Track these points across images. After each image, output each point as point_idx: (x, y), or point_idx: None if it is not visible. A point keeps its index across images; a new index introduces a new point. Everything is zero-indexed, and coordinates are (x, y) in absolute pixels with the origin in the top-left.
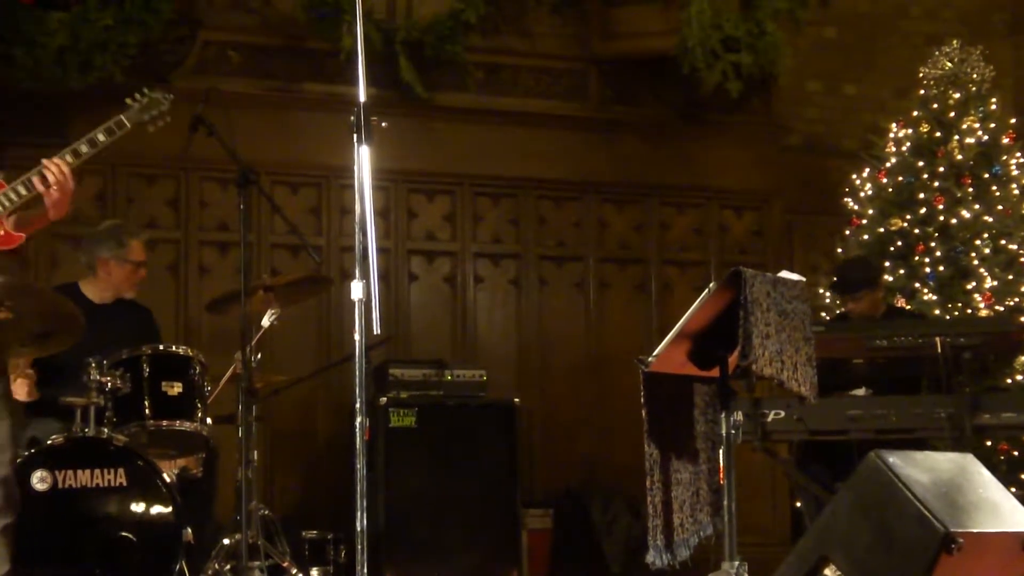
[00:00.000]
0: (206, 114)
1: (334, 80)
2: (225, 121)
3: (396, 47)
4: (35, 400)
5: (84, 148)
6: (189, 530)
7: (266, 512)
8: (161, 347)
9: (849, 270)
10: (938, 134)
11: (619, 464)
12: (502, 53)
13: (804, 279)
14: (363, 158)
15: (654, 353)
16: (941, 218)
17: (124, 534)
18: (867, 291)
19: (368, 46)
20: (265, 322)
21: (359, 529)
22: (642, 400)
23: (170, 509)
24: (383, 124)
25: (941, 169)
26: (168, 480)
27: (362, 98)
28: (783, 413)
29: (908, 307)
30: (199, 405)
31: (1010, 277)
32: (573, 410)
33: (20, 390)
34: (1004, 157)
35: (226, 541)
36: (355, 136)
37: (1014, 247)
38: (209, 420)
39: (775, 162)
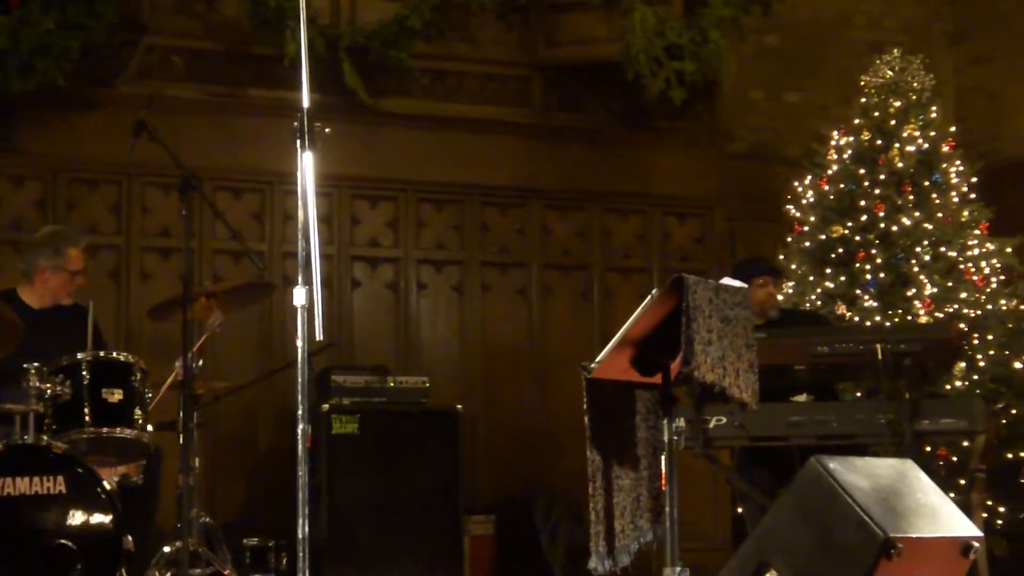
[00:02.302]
0: (149, 119)
1: (278, 85)
2: (168, 126)
3: (340, 53)
4: None
5: None
6: (129, 538)
7: (207, 519)
8: (102, 353)
9: (752, 259)
10: (879, 142)
11: (562, 470)
12: (447, 59)
13: (746, 286)
14: (306, 164)
15: (597, 359)
16: (882, 225)
17: (63, 542)
18: (770, 278)
19: (312, 52)
20: (207, 328)
21: (301, 536)
22: (584, 406)
23: (110, 517)
24: (327, 130)
25: (882, 177)
26: (108, 488)
27: (306, 104)
28: (725, 419)
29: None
30: (140, 412)
31: (949, 284)
32: (516, 416)
33: None
34: (944, 165)
35: (167, 549)
36: (299, 142)
37: (953, 254)
38: (150, 427)
39: (718, 169)
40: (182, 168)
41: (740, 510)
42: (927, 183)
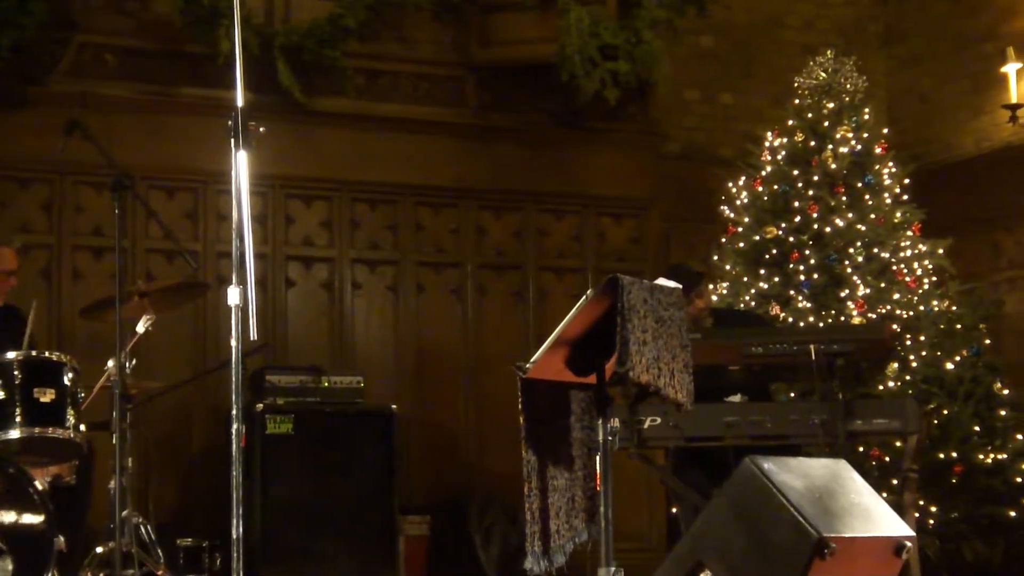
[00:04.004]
0: (81, 118)
1: (211, 84)
2: (101, 125)
3: (274, 52)
4: None
5: None
6: (62, 538)
7: (140, 520)
8: (34, 353)
9: (681, 271)
10: (812, 143)
11: (496, 471)
12: (381, 59)
13: (681, 286)
14: (240, 163)
15: (532, 360)
16: (815, 226)
17: None
18: (703, 288)
19: (246, 50)
20: (140, 328)
21: (235, 536)
22: (519, 406)
23: (42, 517)
24: (261, 129)
25: (815, 178)
26: (40, 488)
27: (240, 103)
28: (659, 420)
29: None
30: (72, 412)
31: (882, 285)
32: (451, 416)
33: None
34: (876, 166)
35: (99, 549)
36: (232, 141)
37: (886, 255)
38: (83, 427)
39: (653, 170)
40: (115, 167)
41: (675, 510)
42: (860, 184)
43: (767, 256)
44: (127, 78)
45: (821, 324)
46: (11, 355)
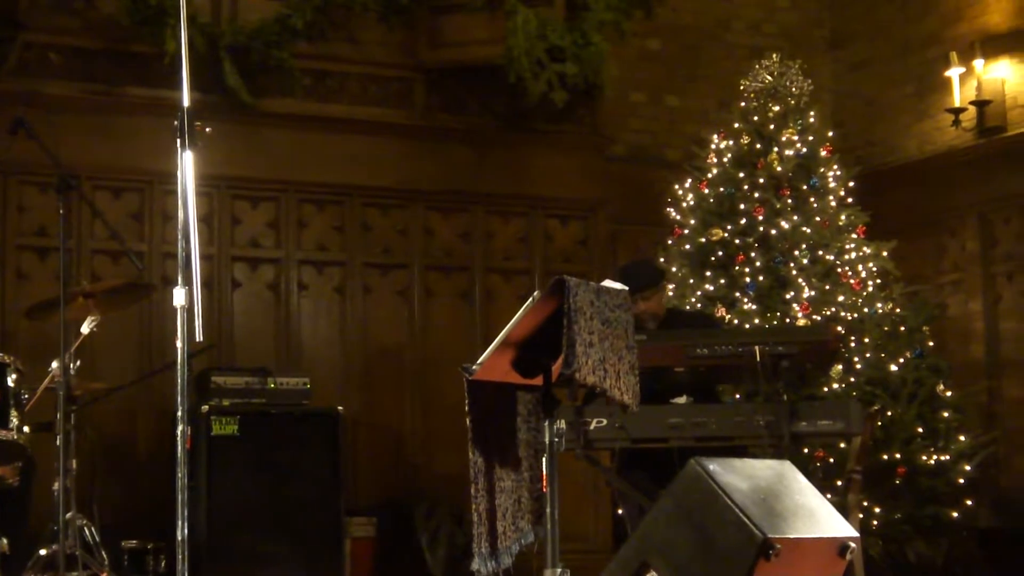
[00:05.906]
0: (26, 116)
1: (158, 84)
2: (46, 124)
3: (221, 52)
4: None
5: None
6: (4, 540)
7: (84, 522)
8: None
9: (633, 271)
10: (758, 146)
11: (443, 472)
12: (329, 60)
13: (627, 288)
14: (187, 163)
15: (478, 361)
16: (761, 229)
17: None
18: (653, 290)
19: (192, 50)
20: (85, 329)
21: (180, 538)
22: (466, 408)
23: None
24: (207, 129)
25: (761, 180)
26: None
27: (186, 103)
28: (605, 421)
29: (692, 309)
30: (16, 413)
31: (827, 287)
32: (397, 418)
33: None
34: (822, 169)
35: (43, 552)
36: (179, 141)
37: (831, 258)
38: (26, 428)
39: (600, 172)
40: (60, 167)
41: (620, 511)
42: (805, 187)
43: (713, 258)
44: (73, 77)
45: (766, 326)
46: None
